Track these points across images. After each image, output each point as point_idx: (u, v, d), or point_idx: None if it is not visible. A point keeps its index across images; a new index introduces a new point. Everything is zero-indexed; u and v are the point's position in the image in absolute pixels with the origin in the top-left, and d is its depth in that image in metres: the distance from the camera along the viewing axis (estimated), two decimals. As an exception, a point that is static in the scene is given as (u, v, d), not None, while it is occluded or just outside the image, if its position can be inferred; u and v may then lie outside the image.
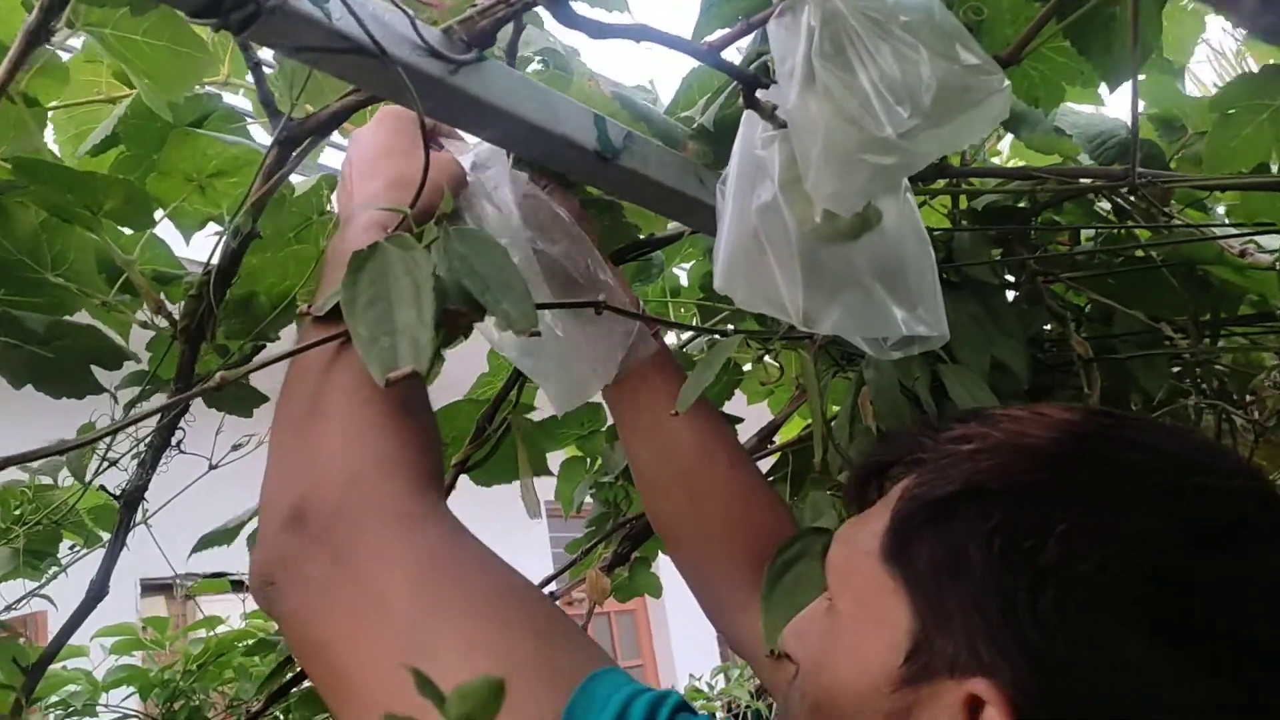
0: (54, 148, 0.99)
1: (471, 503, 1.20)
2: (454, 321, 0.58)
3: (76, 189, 0.73)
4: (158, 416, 0.83)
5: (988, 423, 0.54)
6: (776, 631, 0.68)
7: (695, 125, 0.87)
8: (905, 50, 0.62)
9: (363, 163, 0.71)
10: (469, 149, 0.82)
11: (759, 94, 0.70)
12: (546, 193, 0.81)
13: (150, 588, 3.43)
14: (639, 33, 0.63)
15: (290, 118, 0.72)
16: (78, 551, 1.00)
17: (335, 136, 0.83)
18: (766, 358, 1.08)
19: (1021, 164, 1.26)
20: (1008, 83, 0.65)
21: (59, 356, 0.75)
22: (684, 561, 0.86)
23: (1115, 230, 1.14)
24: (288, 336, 0.74)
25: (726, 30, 0.71)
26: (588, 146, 0.74)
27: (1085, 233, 1.18)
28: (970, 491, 0.50)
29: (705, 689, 6.32)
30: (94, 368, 0.81)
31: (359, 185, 0.70)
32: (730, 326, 1.38)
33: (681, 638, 7.14)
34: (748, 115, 0.73)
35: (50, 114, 1.01)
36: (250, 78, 0.74)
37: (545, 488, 1.20)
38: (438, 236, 0.57)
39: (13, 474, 0.89)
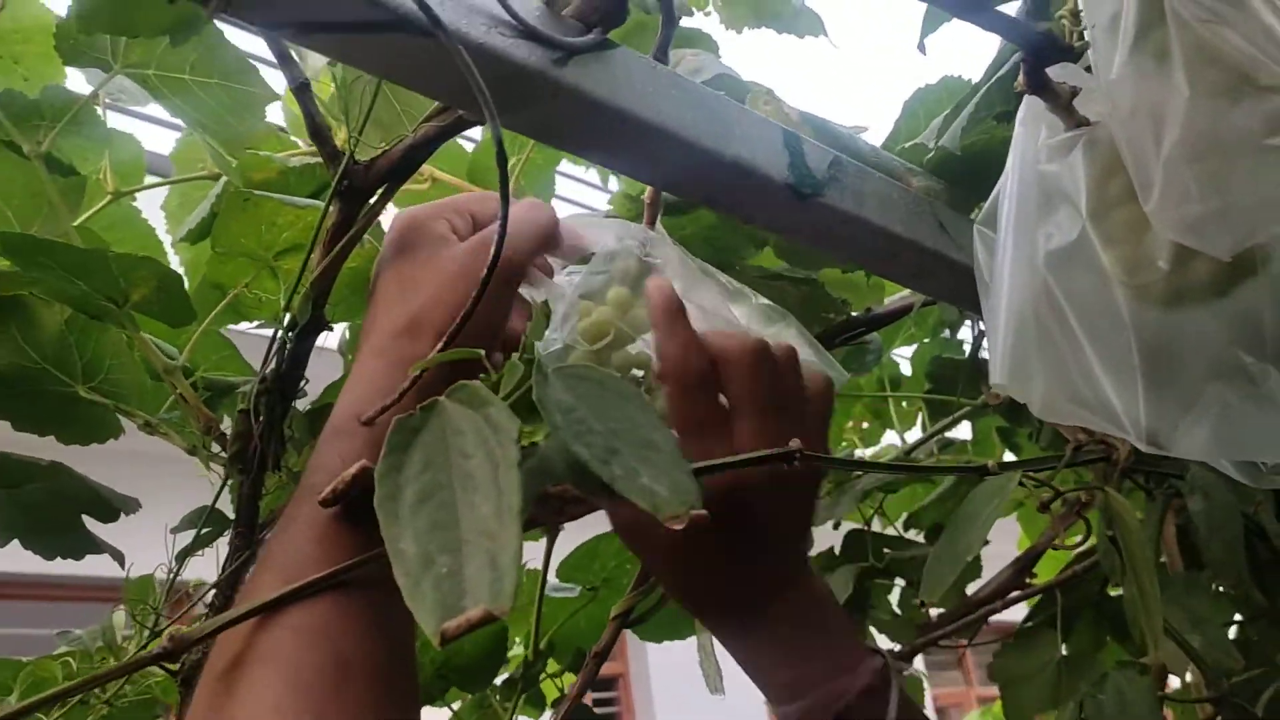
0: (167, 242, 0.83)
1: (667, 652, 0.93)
2: (557, 514, 0.34)
3: (89, 273, 0.54)
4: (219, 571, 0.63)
5: None
6: None
7: (933, 148, 0.60)
8: (1344, -49, 0.35)
9: (382, 294, 0.47)
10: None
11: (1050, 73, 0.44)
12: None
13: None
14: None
15: (354, 159, 0.51)
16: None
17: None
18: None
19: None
20: None
21: (48, 504, 0.56)
22: None
23: None
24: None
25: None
26: (775, 177, 0.50)
27: None
28: None
29: None
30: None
31: (369, 326, 0.47)
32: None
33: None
34: (1027, 111, 0.46)
35: (163, 199, 0.87)
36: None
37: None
38: (525, 382, 0.34)
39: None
